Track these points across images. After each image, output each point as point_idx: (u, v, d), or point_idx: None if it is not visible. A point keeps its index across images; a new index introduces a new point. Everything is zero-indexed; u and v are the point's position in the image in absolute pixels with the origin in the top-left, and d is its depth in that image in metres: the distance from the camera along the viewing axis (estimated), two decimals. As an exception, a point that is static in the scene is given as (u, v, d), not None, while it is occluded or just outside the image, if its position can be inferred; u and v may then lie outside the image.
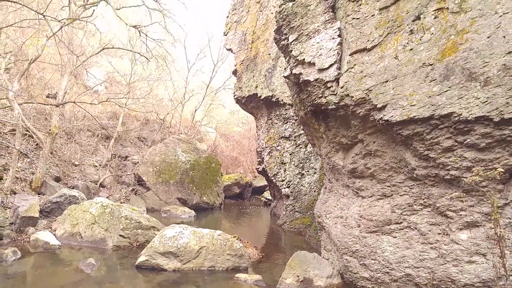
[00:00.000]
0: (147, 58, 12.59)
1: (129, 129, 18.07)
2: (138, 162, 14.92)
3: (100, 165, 14.20)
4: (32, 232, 7.58)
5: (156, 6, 12.10)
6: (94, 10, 12.89)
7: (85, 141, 15.33)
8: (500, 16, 3.36)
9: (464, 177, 3.76)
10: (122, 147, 16.95)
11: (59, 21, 10.42)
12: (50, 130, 10.95)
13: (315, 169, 10.68)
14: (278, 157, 11.40)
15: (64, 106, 14.25)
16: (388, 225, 4.77)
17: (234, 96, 12.77)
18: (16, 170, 9.52)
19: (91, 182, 12.61)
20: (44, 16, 9.07)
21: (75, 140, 14.62)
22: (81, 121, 15.42)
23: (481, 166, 3.55)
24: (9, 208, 8.16)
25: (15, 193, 9.00)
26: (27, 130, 11.04)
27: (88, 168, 13.55)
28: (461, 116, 3.57)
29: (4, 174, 9.30)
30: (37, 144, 11.65)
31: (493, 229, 3.52)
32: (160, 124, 19.40)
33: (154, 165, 14.23)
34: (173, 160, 14.56)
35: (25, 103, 11.75)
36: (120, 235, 7.48)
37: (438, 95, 3.75)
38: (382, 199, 4.98)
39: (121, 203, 10.63)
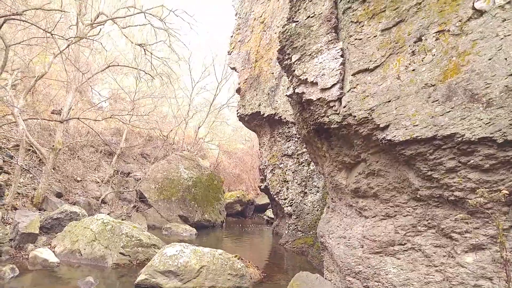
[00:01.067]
0: (151, 76, 12.75)
1: (132, 145, 18.13)
2: (140, 179, 14.90)
3: (102, 181, 14.19)
4: (31, 249, 7.51)
5: (161, 25, 12.31)
6: (101, 29, 13.14)
7: (88, 157, 15.37)
8: (501, 38, 3.39)
9: (469, 199, 3.71)
10: (125, 163, 16.97)
11: (66, 39, 10.61)
12: (53, 145, 11.01)
13: (318, 187, 10.61)
14: (280, 175, 11.35)
15: (68, 122, 14.35)
16: (392, 246, 4.69)
17: (237, 113, 12.84)
18: (18, 186, 9.52)
19: (93, 198, 12.58)
20: (52, 34, 9.26)
21: (78, 156, 14.67)
22: (84, 137, 15.50)
23: (485, 188, 3.50)
24: (9, 224, 8.12)
25: (16, 209, 8.97)
26: (30, 146, 11.10)
27: (90, 184, 13.53)
28: (464, 137, 3.55)
29: (6, 190, 9.30)
30: (40, 160, 11.70)
31: (499, 253, 3.45)
32: (163, 140, 19.46)
33: (156, 181, 14.20)
34: (176, 177, 14.53)
35: (29, 118, 11.87)
36: (120, 253, 7.40)
37: (441, 115, 3.75)
38: (385, 219, 4.91)
39: (122, 220, 10.57)
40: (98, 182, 14.09)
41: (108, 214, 10.98)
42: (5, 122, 11.36)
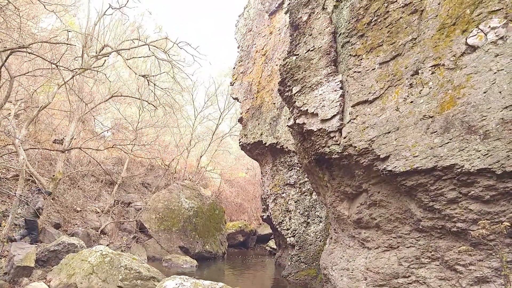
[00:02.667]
0: (154, 106, 12.91)
1: (133, 175, 18.11)
2: (141, 209, 14.78)
3: (102, 211, 14.07)
4: (25, 283, 7.32)
5: (165, 56, 12.61)
6: (105, 60, 13.48)
7: (89, 186, 15.32)
8: (495, 73, 3.48)
9: (471, 230, 3.68)
10: (126, 193, 16.89)
11: (71, 70, 10.85)
12: (53, 175, 11.00)
13: (321, 217, 10.49)
14: (283, 205, 11.26)
15: (70, 152, 14.44)
16: (396, 278, 4.60)
17: (239, 142, 12.92)
18: (16, 217, 9.42)
19: (92, 229, 12.43)
20: (57, 66, 9.48)
21: (78, 186, 14.63)
22: (86, 166, 15.52)
23: (487, 219, 3.49)
24: (5, 257, 7.97)
25: (12, 241, 8.83)
26: (30, 175, 11.09)
27: (90, 214, 13.42)
28: (464, 168, 3.57)
29: (3, 221, 9.19)
30: (39, 190, 11.63)
31: (503, 286, 3.38)
32: (165, 170, 19.45)
33: (157, 211, 14.08)
34: (177, 206, 14.42)
35: (31, 148, 11.92)
36: (118, 286, 7.23)
37: (439, 146, 3.79)
38: (388, 250, 4.85)
39: (121, 251, 10.41)
40: (98, 212, 13.97)
41: (107, 246, 10.82)
42: (5, 152, 11.41)
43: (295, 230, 10.80)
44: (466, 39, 3.74)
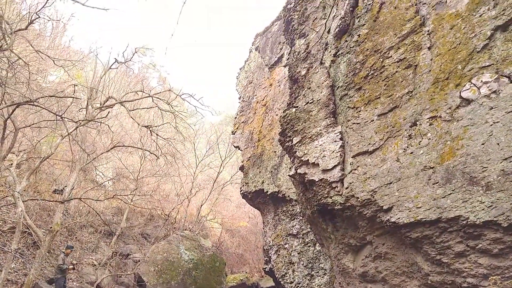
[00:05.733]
0: (156, 156, 12.98)
1: (133, 225, 17.78)
2: (139, 261, 14.33)
3: (99, 264, 13.63)
4: None
5: (168, 107, 12.88)
6: (109, 111, 13.76)
7: (86, 237, 14.98)
8: (491, 125, 3.55)
9: (483, 286, 3.54)
10: (124, 244, 16.47)
11: (75, 122, 11.05)
12: (51, 227, 10.79)
13: (325, 270, 10.13)
14: (286, 256, 10.92)
15: (69, 202, 14.28)
16: (407, 338, 4.35)
17: (241, 191, 12.82)
18: (9, 272, 9.11)
19: (87, 283, 11.97)
20: (62, 118, 9.68)
21: (76, 237, 14.30)
22: (85, 216, 15.27)
23: (497, 274, 3.37)
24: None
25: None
26: (27, 228, 10.87)
27: (86, 267, 12.99)
28: (469, 220, 3.52)
29: (-4, 277, 8.88)
30: (34, 242, 11.36)
31: None
32: (165, 220, 19.12)
33: (156, 264, 13.64)
34: (176, 258, 14.00)
35: (30, 199, 11.80)
36: None
37: (442, 197, 3.76)
38: (397, 307, 4.63)
39: (117, 307, 9.94)
40: (95, 264, 13.53)
41: (103, 301, 10.36)
42: (3, 203, 11.27)
43: (299, 283, 10.38)
44: (460, 93, 3.86)
